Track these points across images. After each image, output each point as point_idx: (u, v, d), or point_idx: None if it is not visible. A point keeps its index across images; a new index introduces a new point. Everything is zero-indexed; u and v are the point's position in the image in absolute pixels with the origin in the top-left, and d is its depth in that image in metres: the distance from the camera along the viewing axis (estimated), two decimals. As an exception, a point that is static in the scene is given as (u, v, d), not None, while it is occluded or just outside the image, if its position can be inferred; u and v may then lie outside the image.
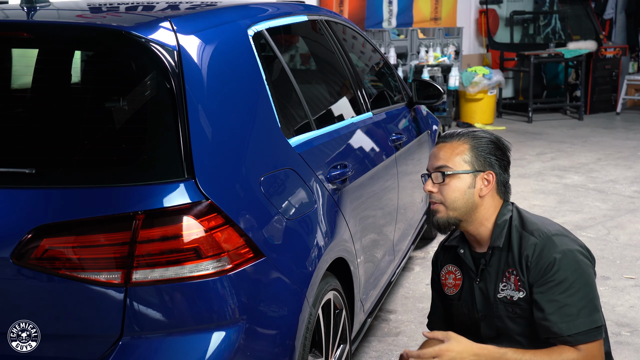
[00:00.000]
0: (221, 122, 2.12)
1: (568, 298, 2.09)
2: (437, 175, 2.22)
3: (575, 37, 11.43)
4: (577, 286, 2.09)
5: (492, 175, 2.23)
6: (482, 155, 2.22)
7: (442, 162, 2.22)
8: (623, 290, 4.19)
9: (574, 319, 2.08)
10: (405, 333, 3.66)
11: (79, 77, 2.24)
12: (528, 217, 2.24)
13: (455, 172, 2.20)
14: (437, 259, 2.45)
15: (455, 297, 2.34)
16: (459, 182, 2.20)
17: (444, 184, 2.21)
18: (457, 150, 2.23)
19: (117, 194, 1.88)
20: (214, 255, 1.90)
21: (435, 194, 2.23)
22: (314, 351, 2.38)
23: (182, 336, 1.90)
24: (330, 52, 3.38)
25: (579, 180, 6.93)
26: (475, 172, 2.21)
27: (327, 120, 2.98)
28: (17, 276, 1.86)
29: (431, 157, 2.28)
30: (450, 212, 2.22)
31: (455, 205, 2.21)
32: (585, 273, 2.12)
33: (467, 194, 2.21)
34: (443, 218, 2.24)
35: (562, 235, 2.17)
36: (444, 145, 2.26)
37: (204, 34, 2.20)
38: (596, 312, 2.11)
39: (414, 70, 9.28)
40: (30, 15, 2.28)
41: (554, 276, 2.10)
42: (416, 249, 4.91)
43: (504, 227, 2.22)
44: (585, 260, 2.14)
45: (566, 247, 2.13)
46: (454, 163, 2.21)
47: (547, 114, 11.14)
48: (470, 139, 2.24)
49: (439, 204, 2.23)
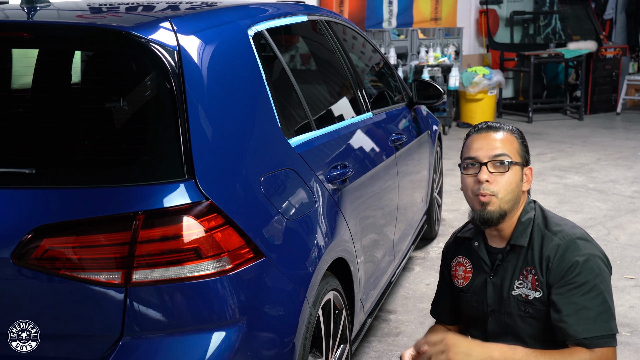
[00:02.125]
0: (221, 122, 2.12)
1: (587, 301, 2.06)
2: (496, 165, 2.15)
3: (575, 37, 11.43)
4: (597, 291, 2.07)
5: (531, 171, 2.24)
6: (525, 149, 2.23)
7: (501, 151, 2.16)
8: (623, 290, 4.19)
9: (592, 323, 2.05)
10: (405, 333, 3.66)
11: (79, 77, 2.24)
12: (551, 217, 2.23)
13: (516, 162, 2.17)
14: (448, 249, 2.41)
15: (464, 289, 2.31)
16: (515, 174, 2.16)
17: (501, 174, 2.15)
18: (511, 140, 2.19)
19: (117, 194, 1.88)
20: (214, 256, 1.90)
21: (490, 184, 2.14)
22: (314, 351, 2.38)
23: (182, 336, 1.90)
24: (330, 53, 3.38)
25: (579, 180, 6.94)
26: (525, 166, 2.21)
27: (327, 121, 2.98)
28: (17, 276, 1.86)
29: (481, 146, 2.17)
30: (503, 204, 2.15)
31: (509, 197, 2.15)
32: (605, 280, 2.09)
33: (519, 187, 2.18)
34: (496, 211, 2.14)
35: (586, 240, 2.15)
36: (494, 134, 2.18)
37: (204, 34, 2.20)
38: (613, 320, 2.08)
39: (414, 70, 9.29)
40: (30, 15, 2.28)
41: (575, 278, 2.07)
42: (416, 249, 4.91)
43: (527, 225, 2.19)
44: (605, 268, 2.12)
45: (589, 252, 2.10)
46: (512, 153, 2.17)
47: (547, 114, 11.14)
48: (515, 132, 2.23)
49: (492, 195, 2.14)
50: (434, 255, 4.84)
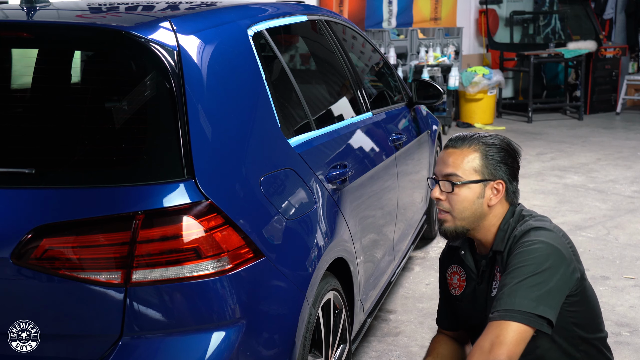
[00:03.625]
0: (221, 122, 2.12)
1: (510, 279, 2.01)
2: (445, 184, 2.16)
3: (575, 37, 11.43)
4: (529, 273, 2.00)
5: (502, 184, 2.18)
6: (492, 163, 2.16)
7: (451, 170, 2.16)
8: (623, 290, 4.19)
9: (506, 297, 1.98)
10: (405, 333, 3.66)
11: (79, 77, 2.24)
12: (526, 215, 2.21)
13: (465, 182, 2.14)
14: (444, 258, 2.43)
15: (459, 297, 2.33)
16: (468, 192, 2.15)
17: (453, 194, 2.15)
18: (467, 157, 2.16)
19: (117, 194, 1.88)
20: (213, 255, 1.90)
21: (443, 202, 2.17)
22: (313, 351, 2.38)
23: (182, 336, 1.90)
24: (330, 52, 3.38)
25: (579, 180, 6.94)
26: (485, 182, 2.16)
27: (327, 120, 2.98)
28: (17, 276, 1.86)
29: (439, 161, 2.20)
30: (458, 221, 2.17)
31: (464, 215, 2.16)
32: (548, 268, 2.01)
33: (476, 204, 2.16)
34: (450, 228, 2.18)
35: (543, 229, 2.10)
36: (453, 151, 2.18)
37: (204, 34, 2.20)
38: (541, 303, 1.97)
39: (413, 70, 9.28)
40: (30, 15, 2.28)
41: (513, 261, 2.04)
42: (416, 249, 4.91)
43: (506, 231, 2.18)
44: (556, 257, 2.03)
45: (538, 239, 2.06)
46: (464, 172, 2.15)
47: (547, 114, 11.14)
48: (481, 146, 2.17)
49: (447, 213, 2.17)
50: (433, 255, 4.84)
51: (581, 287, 2.13)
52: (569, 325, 2.13)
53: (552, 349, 2.14)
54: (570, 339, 2.16)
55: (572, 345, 2.16)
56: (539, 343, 2.10)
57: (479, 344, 1.97)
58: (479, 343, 1.98)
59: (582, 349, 2.18)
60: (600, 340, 2.24)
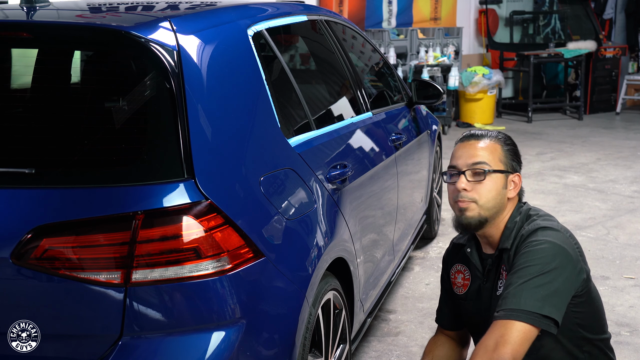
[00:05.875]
0: (221, 122, 2.12)
1: (517, 279, 2.02)
2: (473, 173, 2.18)
3: (575, 37, 11.43)
4: (536, 272, 2.01)
5: (519, 177, 2.24)
6: (511, 156, 2.23)
7: (480, 159, 2.19)
8: (623, 290, 4.19)
9: (512, 297, 1.99)
10: (404, 333, 3.66)
11: (79, 77, 2.24)
12: (534, 214, 2.22)
13: (495, 170, 2.18)
14: (447, 257, 2.43)
15: (463, 296, 2.33)
16: (496, 181, 2.18)
17: (481, 182, 2.17)
18: (492, 148, 2.21)
19: (117, 194, 1.88)
20: (213, 255, 1.90)
21: (469, 192, 2.18)
22: (313, 351, 2.38)
23: (182, 336, 1.90)
24: (330, 52, 3.38)
25: (579, 180, 6.94)
26: (507, 174, 2.21)
27: (326, 120, 2.98)
28: (17, 276, 1.86)
29: (461, 154, 2.22)
30: (483, 211, 2.18)
31: (489, 205, 2.18)
32: (556, 268, 2.02)
33: (501, 195, 2.19)
34: (475, 217, 2.18)
35: (550, 229, 2.12)
36: (476, 142, 2.22)
37: (203, 34, 2.20)
38: (547, 304, 1.98)
39: (413, 70, 9.28)
40: (30, 15, 2.28)
41: (520, 261, 2.06)
42: (416, 249, 4.91)
43: (513, 229, 2.19)
44: (563, 257, 2.05)
45: (545, 239, 2.08)
46: (492, 161, 2.19)
47: (547, 114, 11.14)
48: (499, 140, 2.24)
49: (471, 202, 2.18)
50: (433, 255, 4.84)
51: (587, 288, 2.14)
52: (573, 325, 2.14)
53: (555, 349, 2.14)
54: (575, 340, 2.16)
55: (576, 346, 2.16)
56: (543, 343, 2.10)
57: (483, 342, 1.98)
58: (483, 341, 1.98)
59: (585, 349, 2.18)
60: (603, 341, 2.24)
